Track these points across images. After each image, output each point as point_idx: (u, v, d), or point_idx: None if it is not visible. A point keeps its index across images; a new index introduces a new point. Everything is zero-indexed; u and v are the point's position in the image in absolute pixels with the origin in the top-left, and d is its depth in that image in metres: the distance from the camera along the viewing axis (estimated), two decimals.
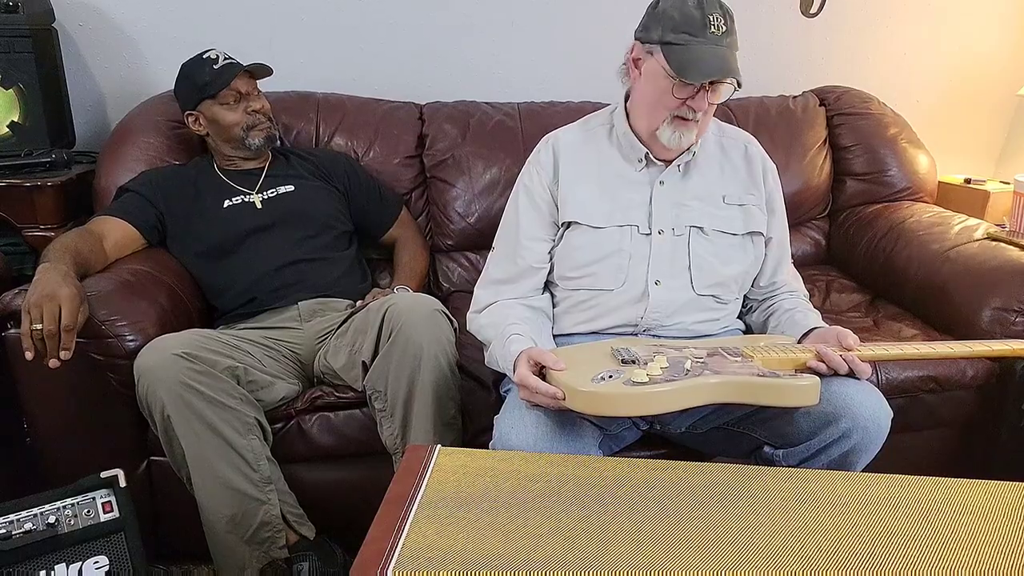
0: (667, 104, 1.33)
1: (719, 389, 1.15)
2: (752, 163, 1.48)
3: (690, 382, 1.14)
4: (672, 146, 1.37)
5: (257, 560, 1.46)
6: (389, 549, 0.89)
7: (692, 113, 1.33)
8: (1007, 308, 1.71)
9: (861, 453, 1.22)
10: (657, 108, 1.36)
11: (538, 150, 1.51)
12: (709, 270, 1.42)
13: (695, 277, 1.41)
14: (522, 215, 1.47)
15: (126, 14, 2.14)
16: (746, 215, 1.45)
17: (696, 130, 1.36)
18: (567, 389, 1.15)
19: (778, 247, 1.52)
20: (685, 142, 1.37)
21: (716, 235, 1.42)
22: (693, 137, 1.37)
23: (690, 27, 1.28)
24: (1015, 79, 2.53)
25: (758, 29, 2.42)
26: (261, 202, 1.80)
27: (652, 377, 1.14)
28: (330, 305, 1.73)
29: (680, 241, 1.41)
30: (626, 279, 1.41)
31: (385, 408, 1.48)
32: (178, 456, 1.43)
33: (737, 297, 1.49)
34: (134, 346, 1.44)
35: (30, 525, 1.22)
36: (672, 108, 1.33)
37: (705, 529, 0.93)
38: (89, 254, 1.55)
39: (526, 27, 2.33)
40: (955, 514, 0.97)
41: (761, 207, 1.47)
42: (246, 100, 1.78)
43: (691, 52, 1.28)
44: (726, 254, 1.43)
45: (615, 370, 1.17)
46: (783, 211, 1.53)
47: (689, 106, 1.32)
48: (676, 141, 1.36)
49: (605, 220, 1.41)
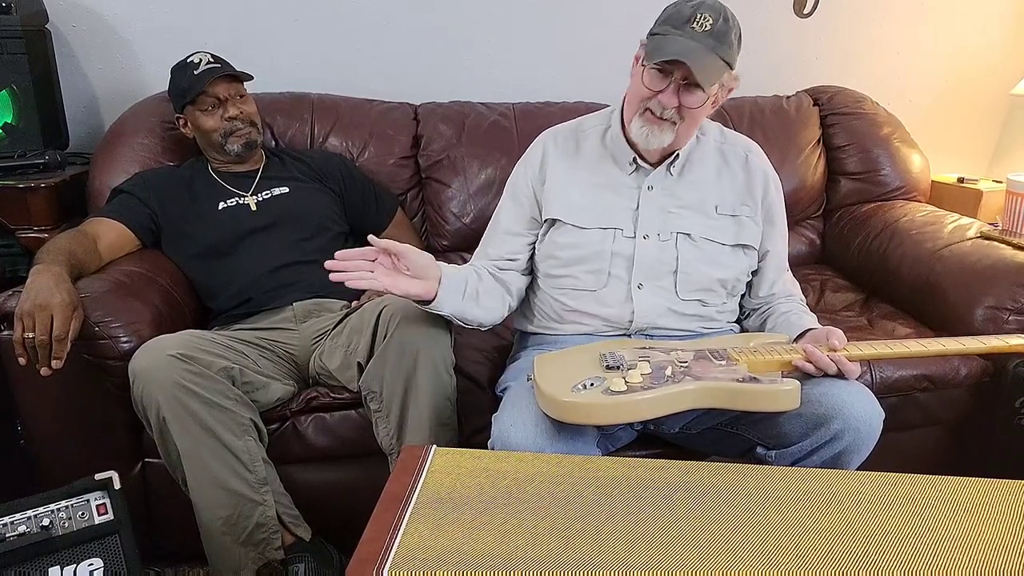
0: (641, 94, 1.34)
1: (698, 395, 1.16)
2: (752, 174, 1.46)
3: (669, 389, 1.15)
4: (639, 142, 1.37)
5: (253, 562, 1.45)
6: (385, 549, 0.89)
7: (660, 108, 1.32)
8: (1000, 306, 1.72)
9: (853, 454, 1.22)
10: (634, 99, 1.37)
11: (531, 147, 1.53)
12: (696, 275, 1.41)
13: (680, 282, 1.41)
14: (502, 210, 1.52)
15: (120, 15, 2.14)
16: (738, 226, 1.44)
17: (670, 133, 1.34)
18: (547, 399, 1.16)
19: (775, 259, 1.51)
20: (653, 142, 1.35)
21: (704, 243, 1.42)
22: (664, 139, 1.35)
23: (675, 20, 1.29)
24: (1008, 79, 2.54)
25: (752, 29, 2.39)
26: (256, 204, 1.80)
27: (631, 385, 1.14)
28: (325, 306, 1.72)
29: (667, 246, 1.41)
30: (608, 281, 1.41)
31: (381, 409, 1.48)
32: (173, 457, 1.43)
33: (725, 301, 1.48)
34: (129, 347, 1.44)
35: (24, 527, 1.22)
36: (644, 98, 1.33)
37: (700, 528, 0.94)
38: (83, 256, 1.54)
39: (521, 27, 2.33)
40: (949, 512, 0.97)
41: (755, 219, 1.46)
42: (224, 106, 1.78)
43: (665, 40, 1.29)
44: (714, 260, 1.43)
45: (597, 377, 1.18)
46: (784, 223, 1.51)
47: (658, 100, 1.31)
48: (643, 137, 1.35)
49: (590, 221, 1.41)
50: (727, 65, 1.30)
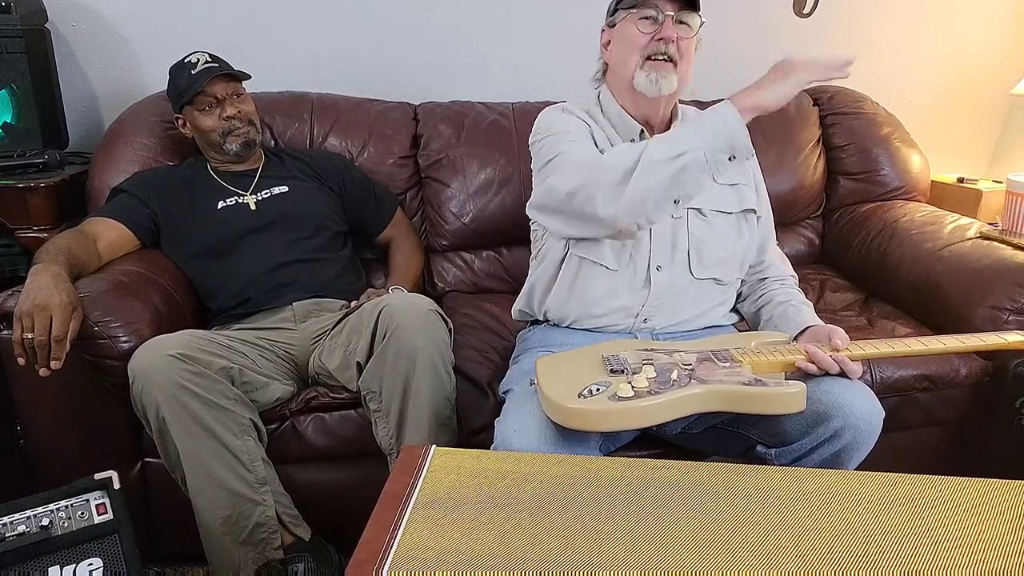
0: (637, 46, 1.35)
1: (705, 399, 1.16)
2: None
3: (676, 394, 1.14)
4: (651, 92, 1.37)
5: (252, 561, 1.45)
6: (384, 549, 0.89)
7: (664, 46, 1.33)
8: (1000, 307, 1.72)
9: (853, 452, 1.22)
10: (629, 58, 1.37)
11: (558, 109, 1.49)
12: (708, 253, 1.43)
13: (694, 260, 1.42)
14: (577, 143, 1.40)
15: (119, 14, 2.13)
16: (738, 195, 1.47)
17: (675, 74, 1.36)
18: (553, 406, 1.15)
19: (765, 222, 1.54)
20: (664, 85, 1.36)
21: (714, 215, 1.43)
22: (673, 81, 1.36)
23: None
24: (1008, 78, 2.54)
25: (752, 29, 2.43)
26: (255, 203, 1.80)
27: (638, 391, 1.14)
28: (325, 306, 1.72)
29: (679, 224, 1.42)
30: (629, 260, 1.41)
31: (380, 409, 1.48)
32: (172, 457, 1.42)
33: (738, 276, 1.50)
34: (128, 347, 1.44)
35: (23, 527, 1.22)
36: (642, 48, 1.35)
37: (699, 528, 0.94)
38: (83, 255, 1.54)
39: (520, 27, 2.33)
40: (949, 512, 0.97)
41: (750, 186, 1.49)
42: (222, 105, 1.77)
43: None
44: (723, 234, 1.45)
45: (602, 382, 1.17)
46: (766, 193, 1.56)
47: (659, 39, 1.33)
48: (654, 85, 1.36)
49: None
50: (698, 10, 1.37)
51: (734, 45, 2.40)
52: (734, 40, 2.40)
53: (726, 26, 2.39)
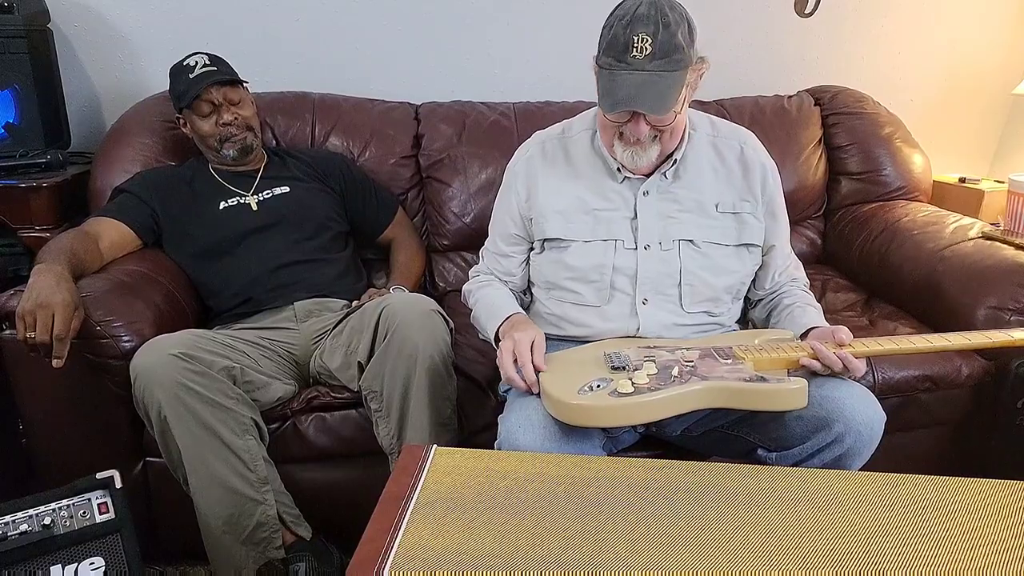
0: (608, 124, 1.30)
1: (705, 395, 1.16)
2: (749, 167, 1.40)
3: (676, 390, 1.14)
4: (629, 165, 1.33)
5: (253, 561, 1.46)
6: (385, 549, 0.89)
7: (634, 135, 1.27)
8: (1002, 307, 1.71)
9: (854, 457, 1.22)
10: (605, 127, 1.32)
11: (515, 162, 1.48)
12: (701, 286, 1.37)
13: (685, 295, 1.37)
14: (496, 222, 1.52)
15: (121, 15, 2.14)
16: (740, 224, 1.39)
17: (655, 147, 1.30)
18: (554, 402, 1.16)
19: (781, 253, 1.46)
20: (641, 162, 1.31)
21: (708, 247, 1.37)
22: (651, 154, 1.31)
23: (614, 50, 1.21)
24: (1009, 78, 2.54)
25: (753, 29, 2.43)
26: (257, 203, 1.80)
27: (638, 387, 1.14)
28: (326, 305, 1.73)
29: (670, 256, 1.36)
30: (611, 297, 1.37)
31: (381, 408, 1.48)
32: (174, 457, 1.43)
33: (731, 307, 1.45)
34: (130, 347, 1.44)
35: (25, 526, 1.22)
36: (613, 128, 1.30)
37: (701, 528, 0.94)
38: (85, 255, 1.54)
39: (522, 27, 2.33)
40: (950, 513, 0.97)
41: (757, 215, 1.40)
42: (219, 111, 1.77)
43: (611, 78, 1.22)
44: (719, 266, 1.38)
45: (603, 379, 1.18)
46: (785, 214, 1.47)
47: (628, 129, 1.27)
48: (631, 160, 1.32)
49: (589, 234, 1.37)
50: (684, 70, 1.22)
51: (734, 45, 2.41)
52: (734, 40, 2.41)
53: (726, 26, 2.40)
